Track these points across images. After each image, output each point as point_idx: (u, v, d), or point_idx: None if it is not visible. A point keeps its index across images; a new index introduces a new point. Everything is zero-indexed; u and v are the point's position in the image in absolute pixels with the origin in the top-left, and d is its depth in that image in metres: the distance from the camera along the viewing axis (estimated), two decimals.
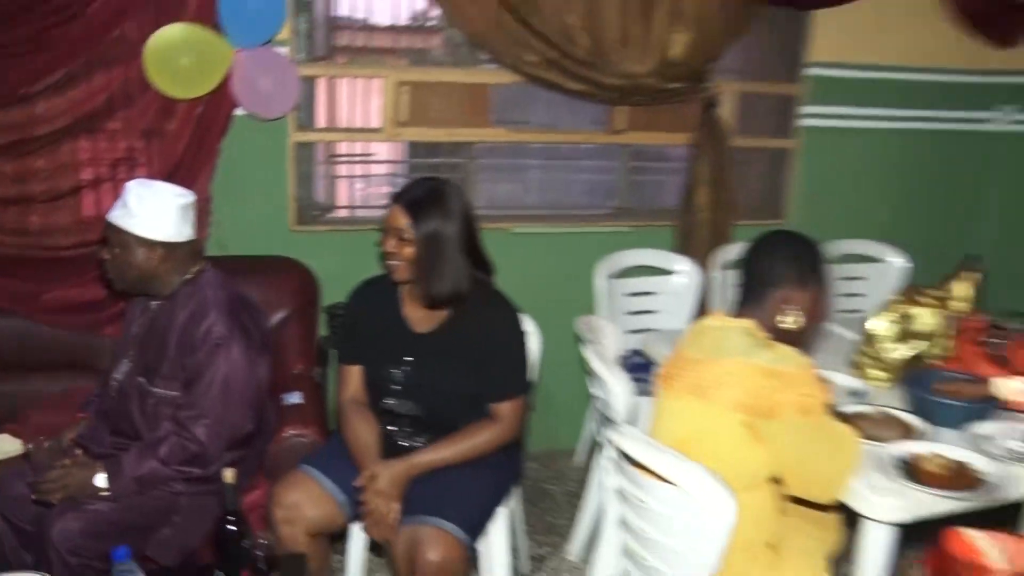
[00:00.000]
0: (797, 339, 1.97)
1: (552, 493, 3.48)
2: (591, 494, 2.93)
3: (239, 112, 3.12)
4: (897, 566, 2.06)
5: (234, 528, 1.78)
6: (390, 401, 2.27)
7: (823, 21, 3.75)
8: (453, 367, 2.23)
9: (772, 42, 3.91)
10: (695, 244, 3.62)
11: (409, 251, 2.15)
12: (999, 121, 4.20)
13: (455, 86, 3.46)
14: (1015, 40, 3.96)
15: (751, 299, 1.99)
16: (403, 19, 3.56)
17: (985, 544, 1.99)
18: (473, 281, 2.23)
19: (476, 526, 2.19)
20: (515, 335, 2.30)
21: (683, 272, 3.51)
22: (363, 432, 2.24)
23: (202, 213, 3.10)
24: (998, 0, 3.49)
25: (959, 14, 3.83)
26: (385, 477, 2.12)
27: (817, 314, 2.00)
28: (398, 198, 2.18)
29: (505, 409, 2.26)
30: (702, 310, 3.40)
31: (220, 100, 3.04)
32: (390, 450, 2.23)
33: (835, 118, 3.92)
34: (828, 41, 3.79)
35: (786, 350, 1.88)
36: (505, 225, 3.54)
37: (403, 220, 2.13)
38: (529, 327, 2.49)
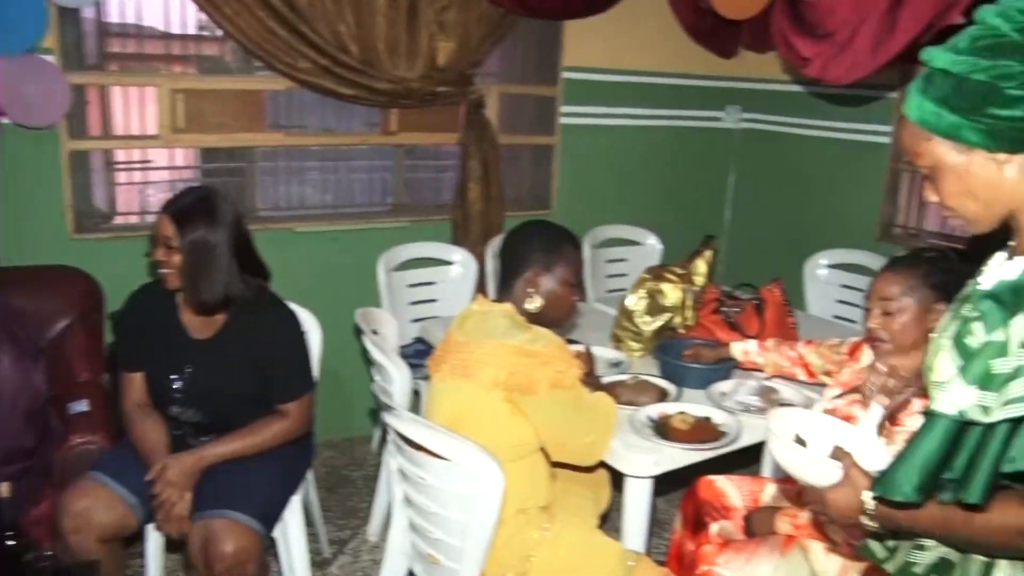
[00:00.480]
0: (548, 319, 2.11)
1: (352, 478, 3.60)
2: (384, 477, 3.03)
3: (5, 121, 3.07)
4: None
5: (12, 543, 1.72)
6: (174, 409, 2.29)
7: (574, 30, 4.13)
8: (233, 372, 2.27)
9: (531, 48, 4.26)
10: (469, 236, 3.88)
11: (177, 259, 2.17)
12: (728, 119, 4.78)
13: (230, 92, 3.52)
14: (734, 52, 4.55)
15: (506, 284, 2.13)
16: (177, 26, 3.59)
17: (728, 487, 2.28)
18: (247, 286, 2.28)
19: (269, 515, 2.24)
20: (293, 336, 2.36)
21: (459, 262, 3.71)
22: (151, 433, 2.24)
23: None
24: (714, 18, 3.98)
25: (685, 29, 4.35)
26: (175, 468, 2.14)
27: (562, 298, 2.13)
28: (165, 208, 2.20)
29: (292, 407, 2.32)
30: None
31: None
32: (180, 449, 2.24)
33: (590, 116, 4.31)
34: (579, 48, 4.18)
35: (540, 331, 2.01)
36: (289, 225, 3.65)
37: (170, 229, 2.16)
38: (312, 323, 2.59)
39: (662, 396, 2.43)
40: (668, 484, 2.30)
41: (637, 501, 2.17)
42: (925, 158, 1.24)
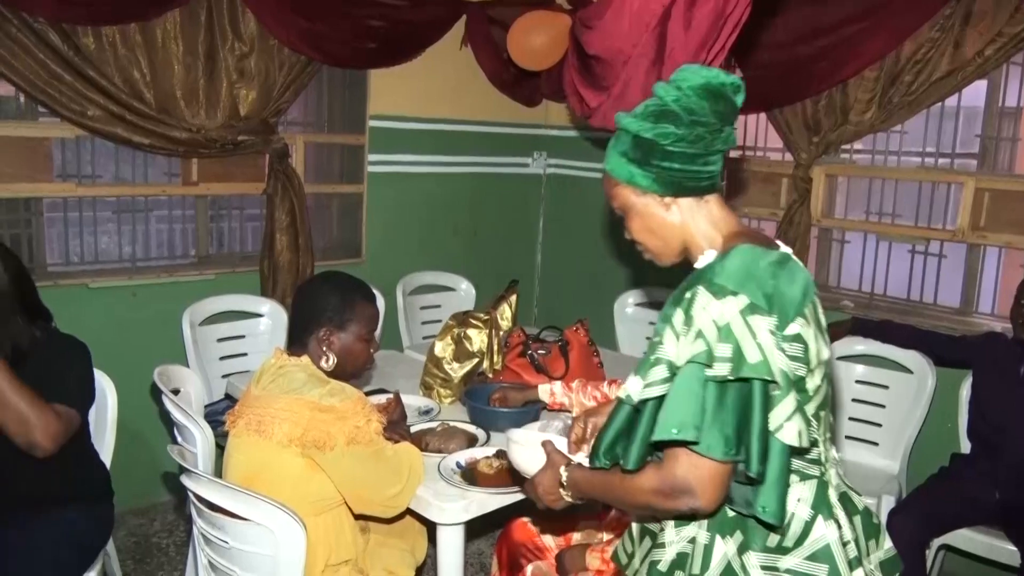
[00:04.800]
0: (345, 373, 2.12)
1: (162, 546, 3.42)
2: (193, 542, 2.91)
3: None
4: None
5: None
6: None
7: (379, 79, 4.18)
8: None
9: (337, 97, 4.25)
10: (278, 287, 3.81)
11: None
12: (536, 165, 4.96)
13: (12, 139, 3.29)
14: (537, 101, 4.75)
15: (299, 340, 2.10)
16: None
17: (540, 527, 2.34)
18: (35, 334, 2.19)
19: None
20: (75, 354, 2.27)
21: (268, 314, 3.65)
22: None
23: None
24: (515, 68, 4.13)
25: (490, 79, 4.49)
26: None
27: (357, 351, 2.12)
28: None
29: (57, 409, 2.13)
30: None
31: None
32: None
33: (398, 164, 4.35)
34: (386, 97, 4.22)
35: (337, 385, 2.00)
36: (83, 280, 3.44)
37: None
38: (108, 385, 2.47)
39: (471, 442, 2.45)
40: (490, 527, 2.32)
41: (450, 548, 2.17)
42: (616, 200, 1.55)
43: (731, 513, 1.43)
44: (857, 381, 3.44)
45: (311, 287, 2.19)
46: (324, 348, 2.08)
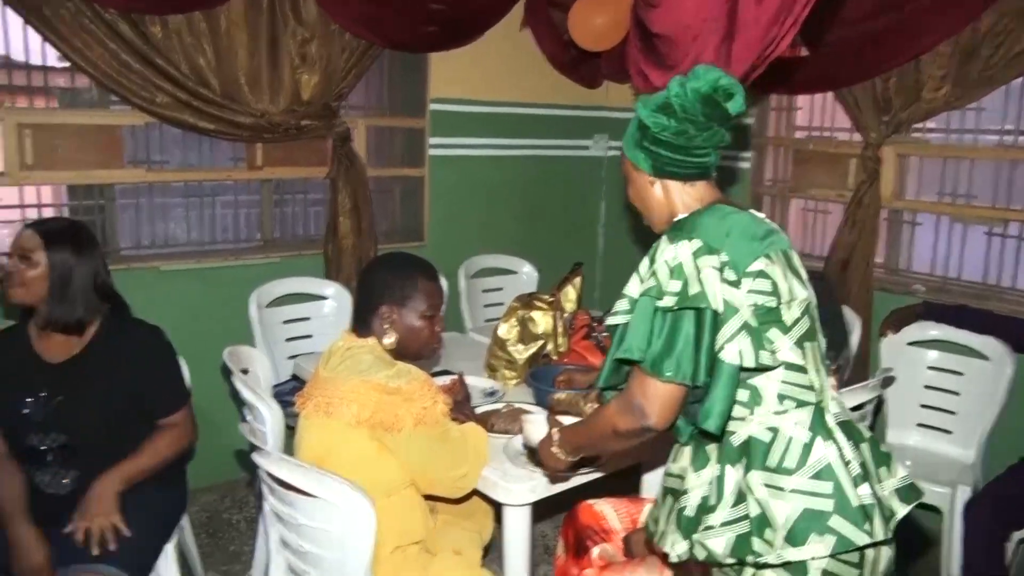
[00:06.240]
0: (409, 353, 2.12)
1: (233, 522, 3.50)
2: (263, 519, 2.96)
3: None
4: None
5: None
6: (33, 438, 2.21)
7: (439, 63, 4.17)
8: (95, 392, 2.23)
9: (398, 81, 4.26)
10: (342, 270, 3.84)
11: (32, 274, 2.17)
12: (596, 148, 4.91)
13: (85, 127, 3.38)
14: (597, 82, 4.69)
15: (363, 321, 2.10)
16: (24, 55, 3.41)
17: (607, 509, 2.31)
18: (105, 313, 2.28)
19: (140, 565, 2.19)
20: (162, 352, 2.37)
21: (333, 297, 3.68)
22: (4, 485, 2.17)
23: None
24: (576, 50, 4.08)
25: (550, 61, 4.46)
26: (92, 500, 2.12)
27: (419, 328, 2.11)
28: (31, 225, 2.22)
29: (175, 419, 2.34)
30: None
31: None
32: (36, 501, 2.18)
33: (459, 148, 4.35)
34: (445, 80, 4.22)
35: (404, 366, 2.00)
36: (154, 264, 3.52)
37: (33, 243, 2.17)
38: (181, 365, 2.51)
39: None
40: (554, 510, 2.32)
41: (516, 530, 2.17)
42: (624, 170, 1.82)
43: (732, 443, 1.61)
44: (930, 367, 3.34)
45: (373, 266, 2.21)
46: (385, 326, 2.08)
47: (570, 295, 3.15)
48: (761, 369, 1.56)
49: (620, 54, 3.96)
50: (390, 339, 2.09)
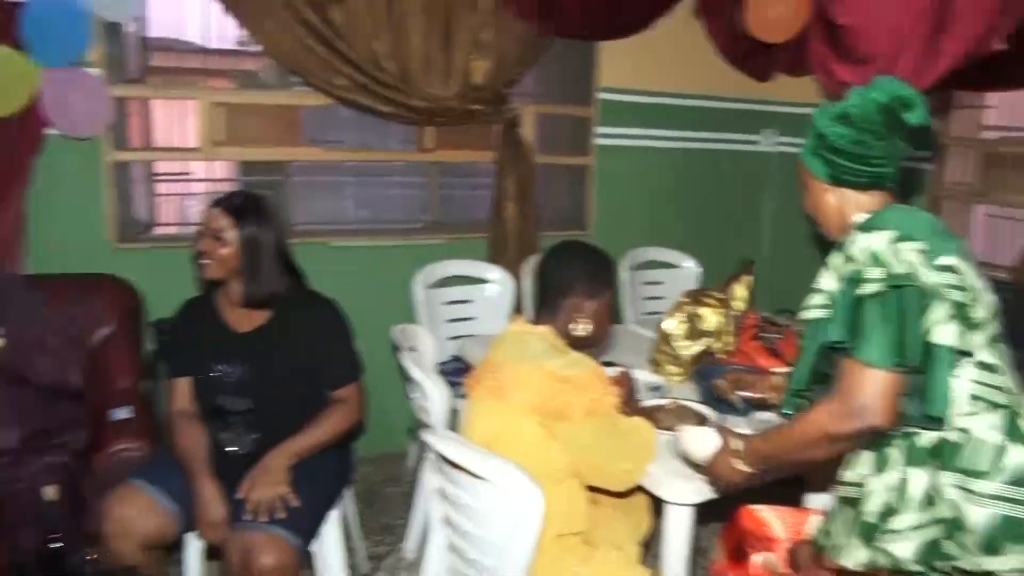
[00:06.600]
0: (588, 344, 2.10)
1: (387, 494, 3.58)
2: (421, 494, 3.01)
3: (51, 131, 3.13)
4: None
5: (58, 546, 1.80)
6: (221, 399, 2.33)
7: (609, 51, 4.13)
8: (279, 361, 2.34)
9: (567, 68, 4.26)
10: (506, 254, 3.87)
11: (224, 252, 2.26)
12: (765, 142, 4.74)
13: (269, 107, 3.57)
14: (769, 75, 4.52)
15: (546, 307, 2.09)
16: (216, 42, 3.64)
17: (771, 517, 2.19)
18: (288, 285, 2.37)
19: (308, 530, 2.26)
20: (338, 325, 2.45)
21: (496, 280, 3.70)
22: (192, 442, 2.29)
23: (16, 230, 3.09)
24: (749, 41, 3.96)
25: (721, 52, 4.33)
26: (263, 471, 2.21)
27: (605, 321, 2.11)
28: (219, 203, 2.30)
29: (345, 393, 2.41)
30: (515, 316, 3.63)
31: (30, 118, 3.04)
32: (220, 459, 2.29)
33: (625, 137, 4.29)
34: (614, 69, 4.17)
35: (577, 356, 1.99)
36: (324, 239, 3.66)
37: (223, 222, 2.26)
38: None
39: (701, 422, 2.35)
40: (708, 512, 2.25)
41: (678, 529, 2.11)
42: (801, 178, 1.83)
43: (920, 444, 1.55)
44: None
45: (563, 254, 2.17)
46: (576, 314, 2.07)
47: (739, 293, 3.05)
48: (962, 354, 1.51)
49: (796, 46, 3.81)
50: (585, 329, 2.08)
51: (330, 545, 2.45)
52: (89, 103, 3.12)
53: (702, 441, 1.84)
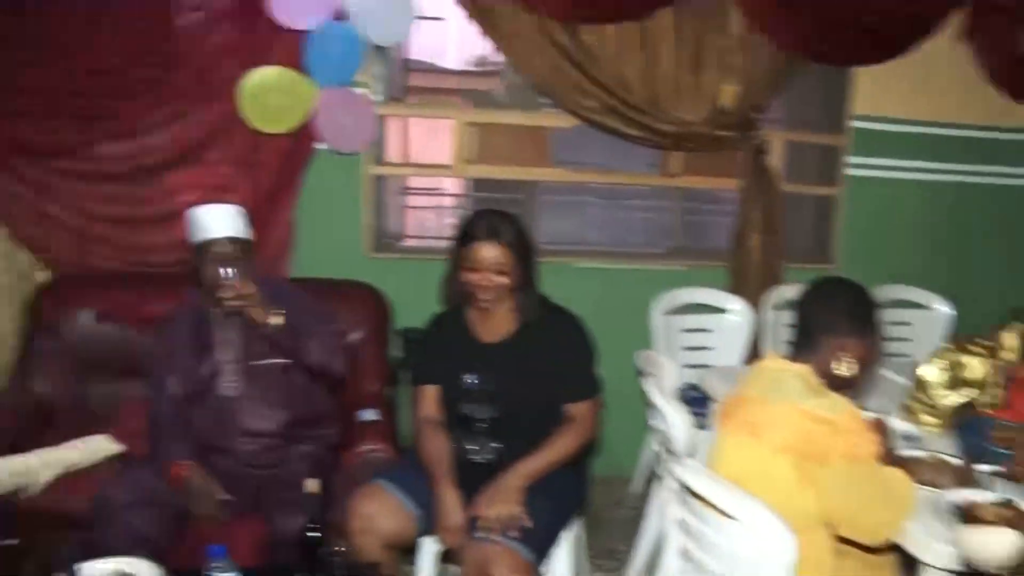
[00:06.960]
0: (850, 386, 2.00)
1: (611, 519, 3.54)
2: (650, 521, 2.96)
3: (320, 146, 3.37)
4: None
5: (315, 535, 1.90)
6: (467, 407, 2.40)
7: (864, 77, 3.92)
8: (524, 372, 2.37)
9: (817, 95, 4.09)
10: (747, 285, 3.74)
11: (503, 281, 2.32)
12: None
13: (517, 127, 3.68)
14: None
15: (806, 345, 2.00)
16: (468, 64, 3.79)
17: None
18: (539, 301, 2.45)
19: (543, 548, 2.28)
20: (581, 340, 2.47)
21: (736, 311, 3.60)
22: (437, 448, 2.37)
23: (286, 238, 3.34)
24: (1011, 56, 3.63)
25: (991, 77, 3.99)
26: (499, 491, 2.24)
27: (870, 363, 2.02)
28: (489, 235, 2.32)
29: (581, 409, 2.40)
30: (754, 349, 3.50)
31: (304, 135, 3.29)
32: (461, 466, 2.35)
33: (878, 168, 4.05)
34: (869, 96, 3.95)
35: (837, 398, 1.91)
36: (566, 259, 3.70)
37: (500, 255, 2.30)
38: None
39: (963, 480, 2.16)
40: None
41: None
42: None
43: None
44: None
45: (827, 290, 2.07)
46: (842, 354, 1.96)
47: (1010, 343, 2.78)
48: None
49: None
50: (850, 370, 1.97)
51: (560, 567, 2.45)
52: (358, 121, 3.33)
53: (997, 545, 1.58)
